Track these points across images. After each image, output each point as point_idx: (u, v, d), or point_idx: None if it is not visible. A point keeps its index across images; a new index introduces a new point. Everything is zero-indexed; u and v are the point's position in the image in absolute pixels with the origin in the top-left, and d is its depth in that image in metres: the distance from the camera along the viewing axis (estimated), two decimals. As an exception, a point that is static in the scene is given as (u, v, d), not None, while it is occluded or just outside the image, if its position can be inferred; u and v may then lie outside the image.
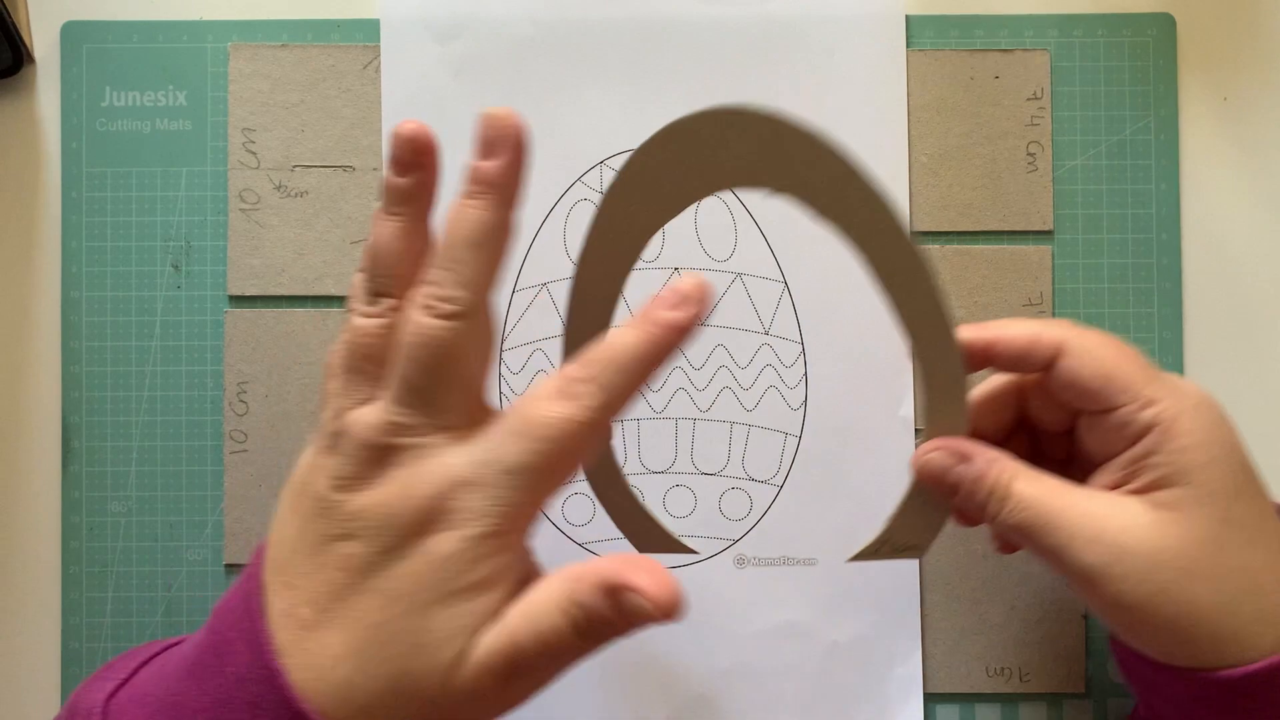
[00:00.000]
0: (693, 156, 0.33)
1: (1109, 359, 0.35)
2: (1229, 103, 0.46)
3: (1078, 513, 0.34)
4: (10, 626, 0.45)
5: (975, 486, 0.35)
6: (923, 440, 0.36)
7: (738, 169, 0.33)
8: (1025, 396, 0.38)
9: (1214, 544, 0.33)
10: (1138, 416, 0.34)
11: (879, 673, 0.44)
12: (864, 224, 0.33)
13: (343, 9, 0.46)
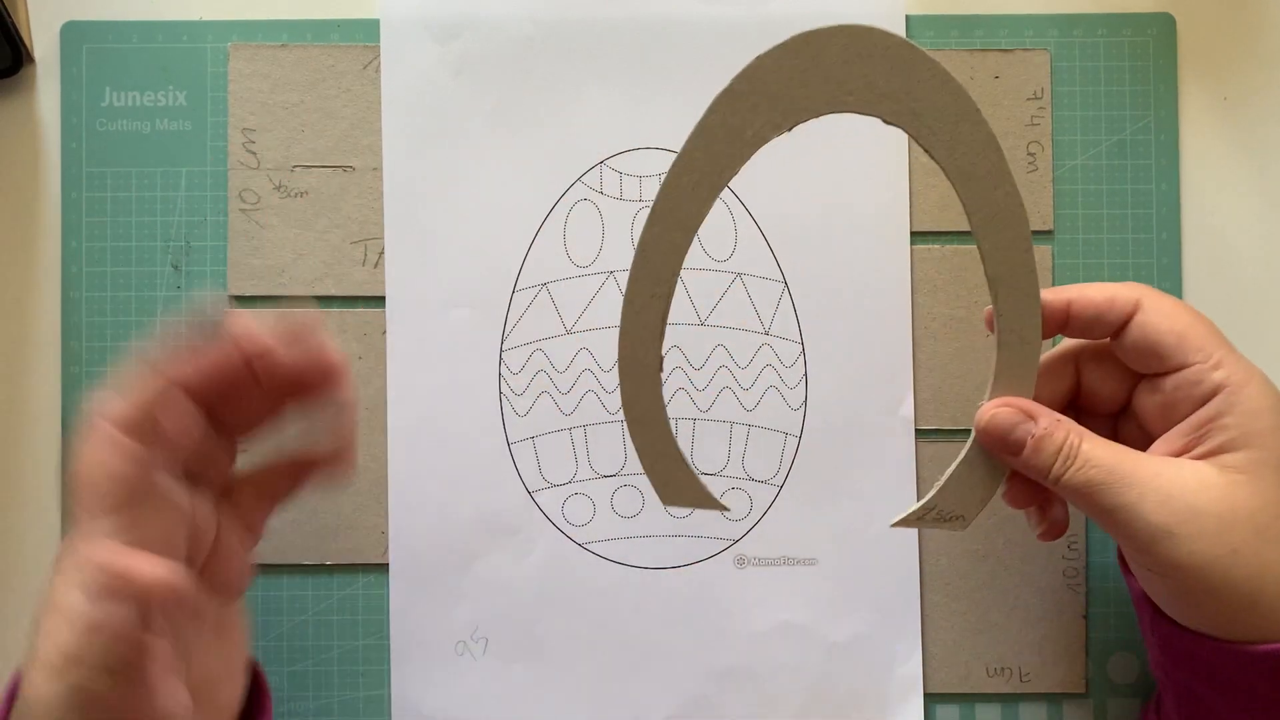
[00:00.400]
0: (817, 71, 0.33)
1: (1184, 317, 0.35)
2: (1229, 102, 0.46)
3: (1148, 472, 0.33)
4: (10, 627, 0.45)
5: (1043, 444, 0.34)
6: (989, 399, 0.36)
7: (861, 90, 0.33)
8: (1081, 369, 0.38)
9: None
10: (1210, 375, 0.34)
11: (879, 673, 0.44)
12: (972, 166, 0.34)
13: (343, 9, 0.46)
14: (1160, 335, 0.35)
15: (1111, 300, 0.36)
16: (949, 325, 0.45)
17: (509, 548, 0.45)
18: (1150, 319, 0.35)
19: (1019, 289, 0.35)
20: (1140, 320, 0.35)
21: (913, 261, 0.45)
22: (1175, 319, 0.35)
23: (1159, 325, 0.35)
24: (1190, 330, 0.35)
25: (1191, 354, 0.35)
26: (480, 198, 0.45)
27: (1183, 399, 0.35)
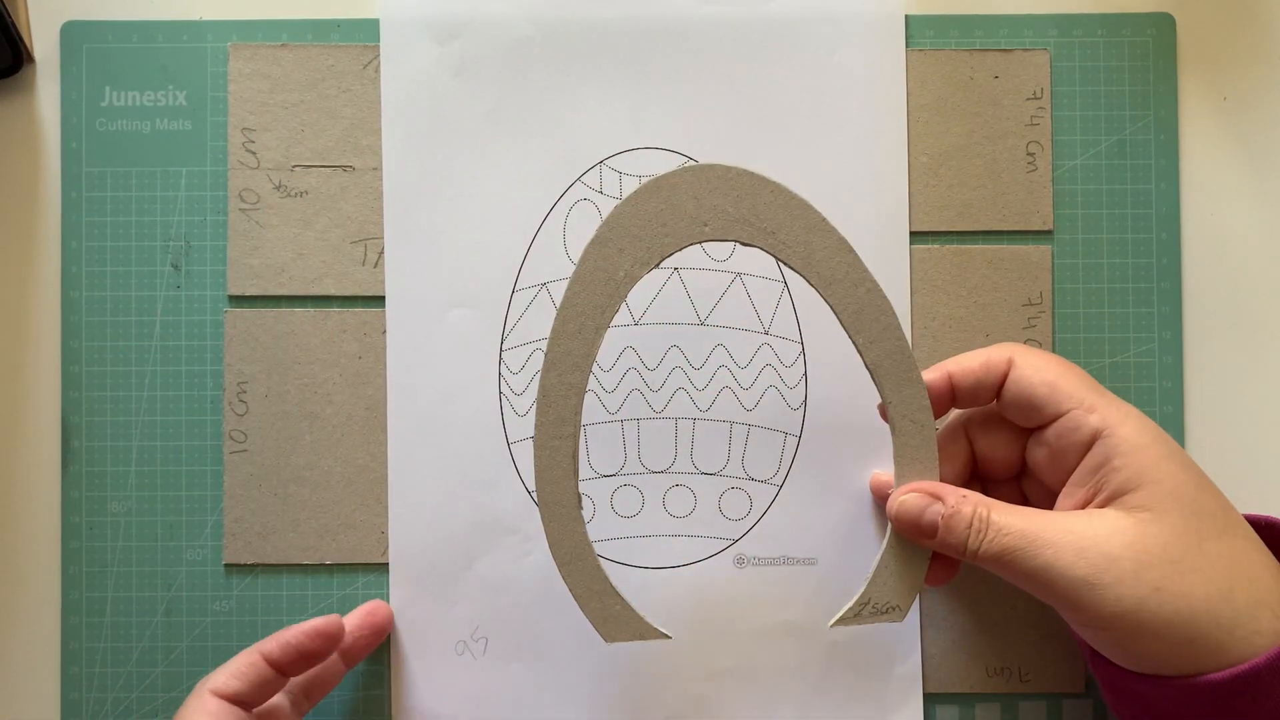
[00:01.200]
0: (672, 210, 0.36)
1: (1054, 368, 0.37)
2: (1229, 102, 0.46)
3: (1059, 529, 0.34)
4: (10, 626, 0.45)
5: (953, 522, 0.35)
6: (895, 488, 0.37)
7: (715, 220, 0.36)
8: (972, 439, 0.39)
9: (1193, 535, 0.33)
10: (1086, 420, 0.35)
11: (879, 673, 0.44)
12: (830, 271, 0.36)
13: (343, 9, 0.46)
14: (1033, 388, 0.36)
15: (986, 364, 0.37)
16: (949, 325, 0.45)
17: (509, 547, 0.45)
18: (1023, 374, 0.37)
19: (900, 375, 0.37)
20: (1014, 376, 0.37)
21: (912, 261, 0.45)
22: (1045, 371, 0.37)
23: (1031, 379, 0.37)
24: (1060, 380, 0.36)
25: (1064, 401, 0.36)
26: (480, 198, 0.45)
27: (1067, 446, 0.36)
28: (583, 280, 0.36)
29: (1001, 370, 0.37)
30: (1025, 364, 0.37)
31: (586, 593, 0.37)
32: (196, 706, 0.37)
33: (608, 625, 0.38)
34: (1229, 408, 0.45)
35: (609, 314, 0.36)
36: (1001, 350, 0.38)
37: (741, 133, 0.45)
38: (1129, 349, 0.45)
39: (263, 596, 0.44)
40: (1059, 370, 0.37)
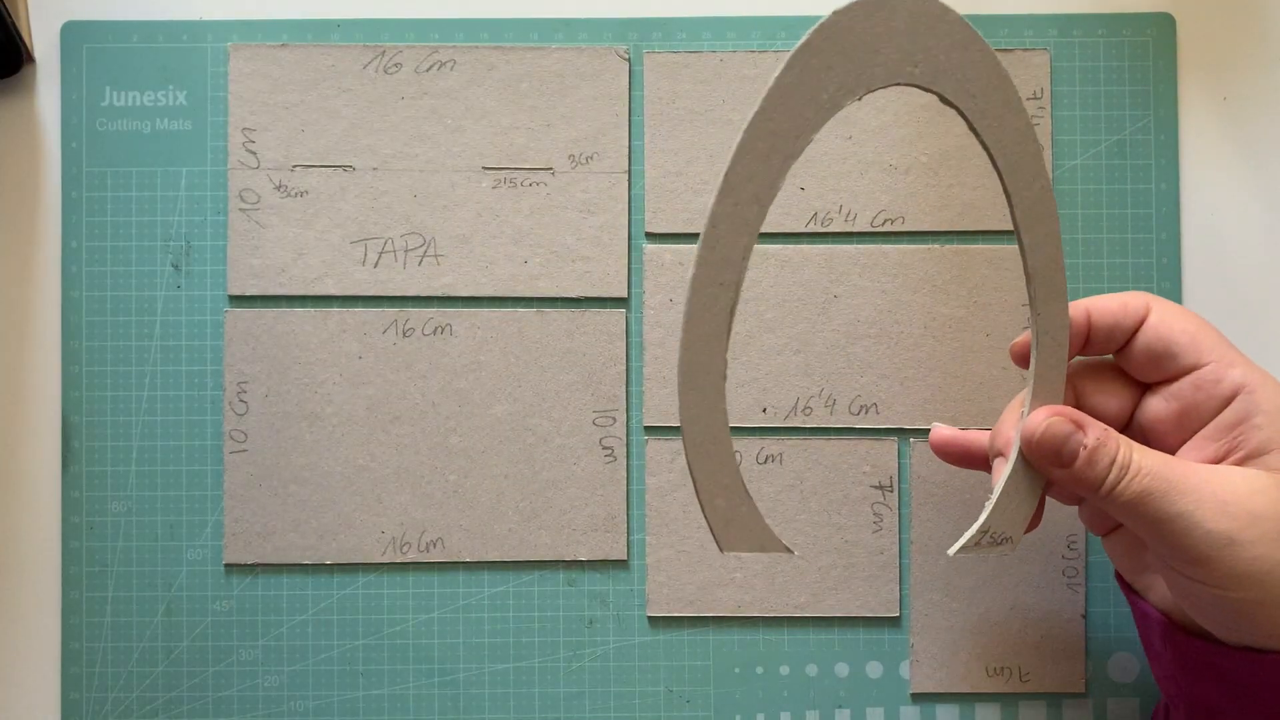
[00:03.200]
0: (888, 37, 0.31)
1: (1194, 320, 0.35)
2: (1229, 102, 0.46)
3: (1200, 479, 0.33)
4: (10, 626, 0.45)
5: (1097, 455, 0.33)
6: (1028, 409, 0.35)
7: (925, 64, 0.32)
8: (1080, 391, 0.37)
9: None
10: (1227, 374, 0.34)
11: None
12: (1016, 157, 0.33)
13: (343, 9, 0.46)
14: (1174, 335, 0.35)
15: (1124, 306, 0.36)
16: (949, 325, 0.45)
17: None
18: (1164, 319, 0.35)
19: (1052, 288, 0.34)
20: (1152, 322, 0.35)
21: (913, 262, 0.45)
22: (1186, 320, 0.35)
23: (1172, 325, 0.35)
24: (1201, 332, 0.35)
25: (1206, 353, 0.34)
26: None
27: (1204, 400, 0.34)
28: (785, 92, 0.30)
29: (1139, 315, 0.35)
30: (1165, 311, 0.35)
31: (713, 486, 0.31)
32: None
33: (729, 529, 0.32)
34: (1229, 408, 0.45)
35: (803, 142, 0.31)
36: (1138, 297, 0.36)
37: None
38: (1129, 349, 0.45)
39: (263, 596, 0.44)
40: (1199, 322, 0.35)
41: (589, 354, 0.45)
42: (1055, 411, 0.34)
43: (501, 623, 0.45)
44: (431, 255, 0.45)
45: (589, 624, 0.45)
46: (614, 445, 0.45)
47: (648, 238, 0.45)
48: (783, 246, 0.45)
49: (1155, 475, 0.33)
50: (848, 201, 0.45)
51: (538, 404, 0.45)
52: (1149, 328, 0.35)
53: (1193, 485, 0.32)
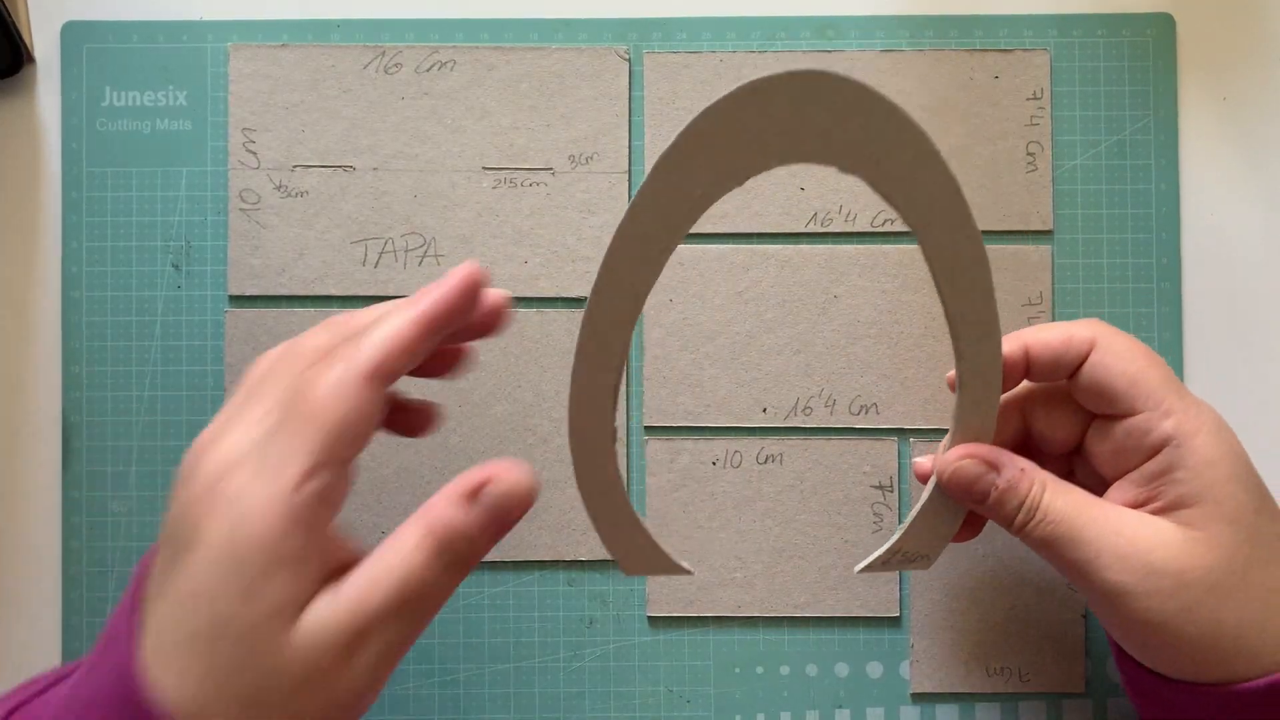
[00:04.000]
0: (768, 122, 0.30)
1: (1138, 361, 0.35)
2: (1228, 103, 0.46)
3: (1107, 529, 0.33)
4: (11, 627, 0.45)
5: (1006, 498, 0.35)
6: (949, 445, 0.36)
7: (814, 140, 0.31)
8: (1029, 415, 0.38)
9: (1240, 563, 0.33)
10: (1159, 425, 0.34)
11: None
12: (932, 212, 0.32)
13: (343, 9, 0.46)
14: (1112, 379, 0.35)
15: (1068, 341, 0.35)
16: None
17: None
18: (1104, 359, 0.35)
19: (981, 330, 0.34)
20: (1094, 361, 0.35)
21: (913, 262, 0.45)
22: (1129, 361, 0.35)
23: (1111, 367, 0.35)
24: (1142, 375, 0.35)
25: (1141, 401, 0.34)
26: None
27: (1133, 448, 0.35)
28: (653, 194, 0.30)
29: (1083, 351, 0.35)
30: (1108, 349, 0.35)
31: (612, 528, 0.34)
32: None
33: (630, 559, 0.35)
34: (1229, 408, 0.45)
35: (678, 236, 0.31)
36: (1085, 328, 0.36)
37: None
38: (1129, 349, 0.45)
39: (263, 596, 0.44)
40: (1142, 364, 0.35)
41: (589, 354, 0.45)
42: (969, 452, 0.35)
43: (501, 622, 0.45)
44: (432, 255, 0.45)
45: (589, 624, 0.45)
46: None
47: (648, 238, 0.45)
48: (783, 246, 0.45)
49: (1060, 521, 0.34)
50: (848, 202, 0.45)
51: (538, 404, 0.45)
52: (1090, 366, 0.35)
53: (1094, 534, 0.33)
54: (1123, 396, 0.35)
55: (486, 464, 0.30)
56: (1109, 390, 0.35)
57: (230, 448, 0.28)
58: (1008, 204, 0.45)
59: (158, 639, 0.28)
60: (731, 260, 0.45)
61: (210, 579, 0.27)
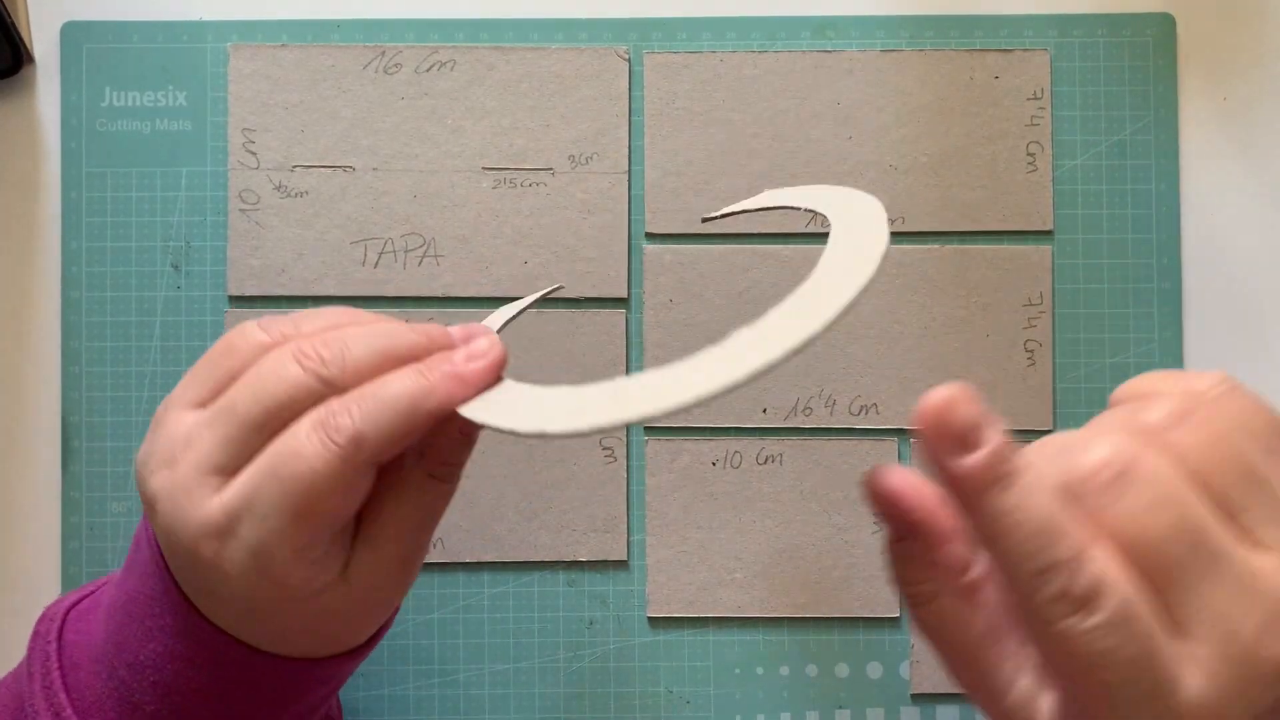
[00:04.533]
0: None
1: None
2: (1229, 103, 0.46)
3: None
4: (10, 628, 0.45)
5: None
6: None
7: None
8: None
9: None
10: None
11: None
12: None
13: (342, 9, 0.46)
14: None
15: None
16: (949, 325, 0.45)
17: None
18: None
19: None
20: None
21: (913, 262, 0.45)
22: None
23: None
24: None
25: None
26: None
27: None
28: None
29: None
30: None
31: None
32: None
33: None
34: (1229, 408, 0.45)
35: None
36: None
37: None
38: (1129, 349, 0.45)
39: (263, 597, 0.44)
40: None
41: (589, 354, 0.45)
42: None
43: (501, 623, 0.45)
44: (431, 256, 0.45)
45: (589, 625, 0.45)
46: (614, 445, 0.45)
47: (648, 238, 0.45)
48: (783, 246, 0.45)
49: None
50: (848, 202, 0.45)
51: (538, 404, 0.45)
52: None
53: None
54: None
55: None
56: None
57: (186, 433, 0.29)
58: (1008, 204, 0.45)
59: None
60: (731, 260, 0.45)
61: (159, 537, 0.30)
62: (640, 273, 0.45)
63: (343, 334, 0.30)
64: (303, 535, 0.28)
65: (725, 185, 0.45)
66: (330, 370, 0.29)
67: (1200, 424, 0.25)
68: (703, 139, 0.45)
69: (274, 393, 0.28)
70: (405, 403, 0.28)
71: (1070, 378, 0.45)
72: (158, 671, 0.31)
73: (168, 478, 0.29)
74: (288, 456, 0.28)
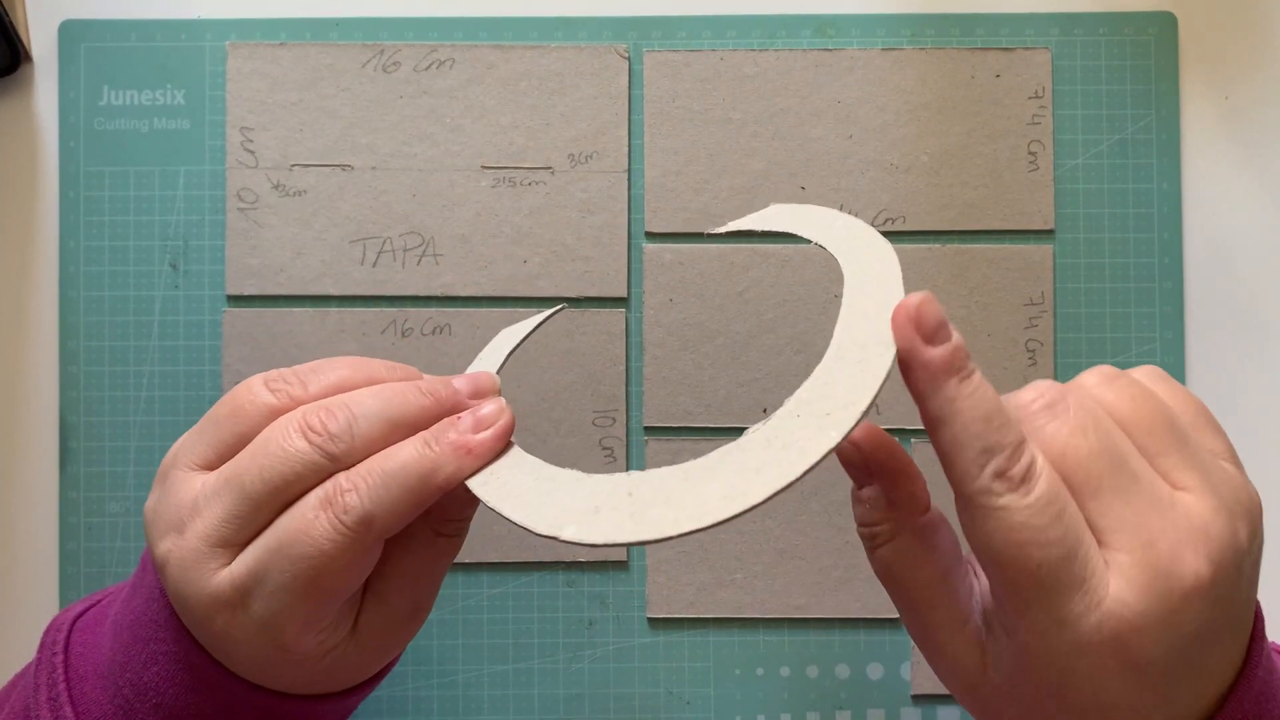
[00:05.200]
0: None
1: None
2: (1230, 101, 0.46)
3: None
4: (8, 628, 0.44)
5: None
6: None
7: None
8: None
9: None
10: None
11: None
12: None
13: (341, 7, 0.46)
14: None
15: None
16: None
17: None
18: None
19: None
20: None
21: (913, 261, 0.45)
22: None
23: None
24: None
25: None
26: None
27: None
28: None
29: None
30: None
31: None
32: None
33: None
34: (1231, 408, 0.45)
35: None
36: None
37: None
38: (1131, 349, 0.45)
39: (261, 597, 0.44)
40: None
41: (589, 354, 0.45)
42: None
43: (501, 624, 0.45)
44: (430, 255, 0.45)
45: (589, 625, 0.45)
46: (614, 445, 0.45)
47: (648, 237, 0.45)
48: (783, 246, 0.45)
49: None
50: (849, 201, 0.45)
51: (537, 404, 0.45)
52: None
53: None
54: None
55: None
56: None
57: (193, 499, 0.29)
58: (1009, 203, 0.45)
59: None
60: (731, 260, 0.45)
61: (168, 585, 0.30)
62: (640, 272, 0.45)
63: (350, 400, 0.29)
64: (312, 610, 0.29)
65: (725, 184, 0.45)
66: (338, 446, 0.29)
67: (1124, 386, 0.29)
68: (703, 138, 0.45)
69: (281, 471, 0.28)
70: (414, 479, 0.28)
71: (1072, 378, 0.45)
72: (159, 695, 0.31)
73: (176, 544, 0.29)
74: (296, 535, 0.28)
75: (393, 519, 0.28)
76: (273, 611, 0.28)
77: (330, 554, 0.28)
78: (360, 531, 0.28)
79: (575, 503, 0.28)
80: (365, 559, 0.29)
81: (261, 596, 0.28)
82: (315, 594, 0.28)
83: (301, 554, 0.28)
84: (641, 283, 0.45)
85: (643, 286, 0.45)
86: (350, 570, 0.28)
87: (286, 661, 0.30)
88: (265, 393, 0.30)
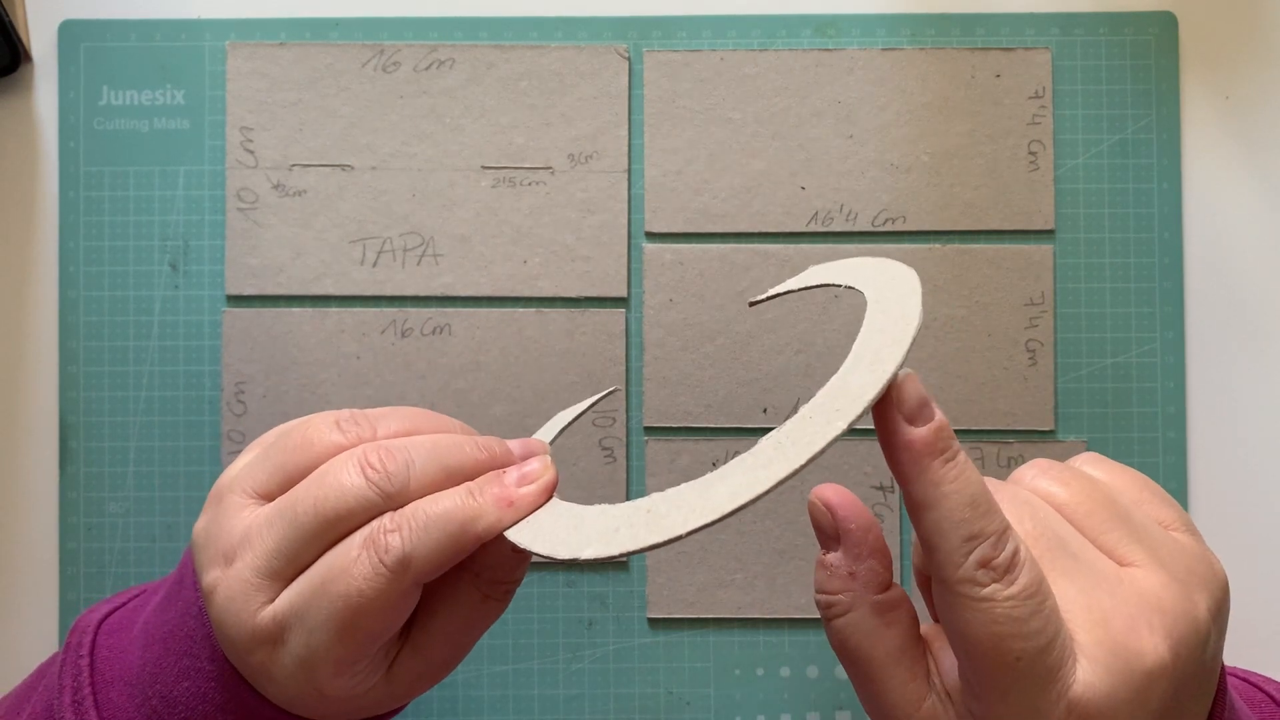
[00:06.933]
0: None
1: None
2: (1231, 101, 0.46)
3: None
4: (8, 628, 0.44)
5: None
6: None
7: None
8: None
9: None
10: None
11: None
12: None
13: (340, 7, 0.46)
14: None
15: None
16: (949, 325, 0.45)
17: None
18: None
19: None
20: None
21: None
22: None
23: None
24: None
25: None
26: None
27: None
28: None
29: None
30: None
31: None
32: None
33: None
34: (1232, 408, 0.45)
35: None
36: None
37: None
38: (1131, 349, 0.45)
39: (261, 597, 0.44)
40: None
41: (589, 354, 0.45)
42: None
43: (500, 624, 0.45)
44: (430, 255, 0.45)
45: (588, 625, 0.45)
46: (613, 446, 0.45)
47: (647, 237, 0.45)
48: (783, 246, 0.45)
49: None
50: (849, 201, 0.45)
51: (537, 404, 0.45)
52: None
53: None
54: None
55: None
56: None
57: (245, 529, 0.30)
58: (1009, 203, 0.45)
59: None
60: (732, 260, 0.45)
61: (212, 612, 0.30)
62: (640, 272, 0.45)
63: (410, 444, 0.30)
64: (348, 650, 0.29)
65: (725, 184, 0.45)
66: (393, 485, 0.29)
67: (1058, 473, 0.29)
68: (703, 137, 0.45)
69: (335, 505, 0.29)
70: (455, 526, 0.29)
71: (1072, 378, 0.45)
72: (189, 710, 0.31)
73: (224, 574, 0.30)
74: (338, 573, 0.28)
75: (430, 564, 0.28)
76: (310, 649, 0.29)
77: (368, 594, 0.28)
78: (398, 572, 0.28)
79: (598, 528, 0.28)
80: (402, 602, 0.29)
81: (300, 633, 0.29)
82: (351, 634, 0.28)
83: (340, 592, 0.28)
84: (641, 283, 0.45)
85: (643, 286, 0.45)
86: (386, 612, 0.29)
87: (320, 699, 0.30)
88: (336, 432, 0.31)
